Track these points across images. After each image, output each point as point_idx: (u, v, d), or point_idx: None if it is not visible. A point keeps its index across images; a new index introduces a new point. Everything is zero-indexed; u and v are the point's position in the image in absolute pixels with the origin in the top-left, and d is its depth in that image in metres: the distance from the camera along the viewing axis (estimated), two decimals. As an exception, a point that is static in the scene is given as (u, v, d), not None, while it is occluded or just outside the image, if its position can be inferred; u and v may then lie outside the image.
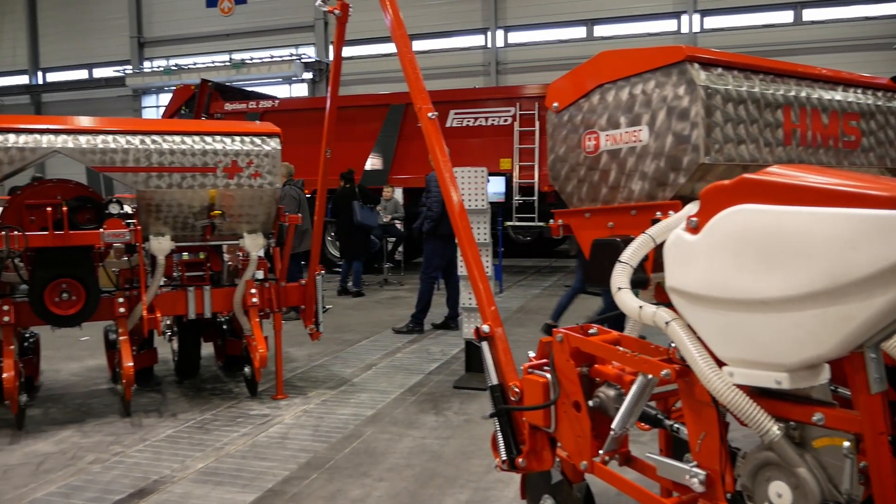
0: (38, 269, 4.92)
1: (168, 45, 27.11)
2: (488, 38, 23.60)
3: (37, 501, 3.84)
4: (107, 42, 27.80)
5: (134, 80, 26.56)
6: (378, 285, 12.80)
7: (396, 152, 14.51)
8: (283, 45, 25.55)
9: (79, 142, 4.87)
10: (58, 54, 28.78)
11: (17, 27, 29.00)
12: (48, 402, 5.70)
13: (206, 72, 24.00)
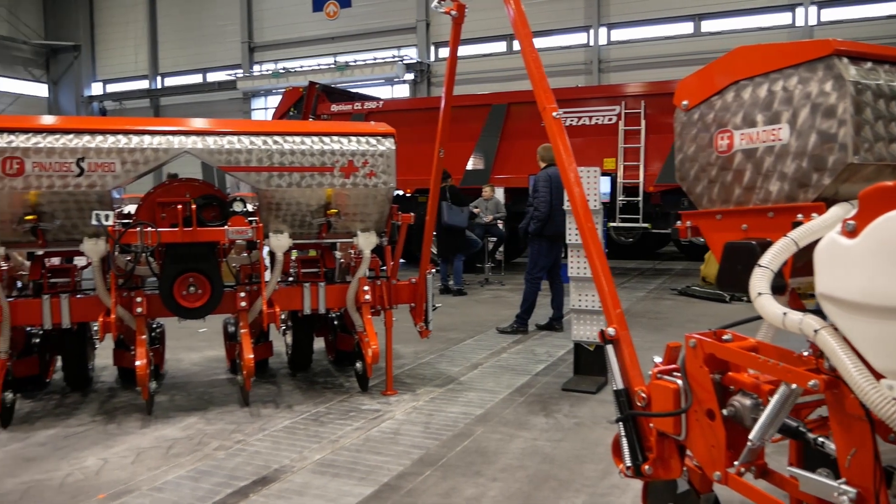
0: (168, 263, 5.19)
1: (276, 50, 28.08)
2: (590, 35, 23.25)
3: (169, 483, 4.05)
4: (220, 47, 29.08)
5: (244, 83, 27.66)
6: (479, 285, 12.83)
7: (498, 152, 14.51)
8: (385, 47, 26.01)
9: (206, 143, 5.10)
10: (175, 60, 30.34)
11: (139, 35, 30.74)
12: (173, 390, 6.01)
13: (312, 74, 24.74)
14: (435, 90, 25.24)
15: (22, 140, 4.74)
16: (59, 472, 4.23)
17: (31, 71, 31.55)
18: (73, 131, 4.86)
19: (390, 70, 25.06)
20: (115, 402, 5.68)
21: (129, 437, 4.85)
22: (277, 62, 27.83)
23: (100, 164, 4.85)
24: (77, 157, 4.81)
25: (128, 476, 4.16)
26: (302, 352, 6.38)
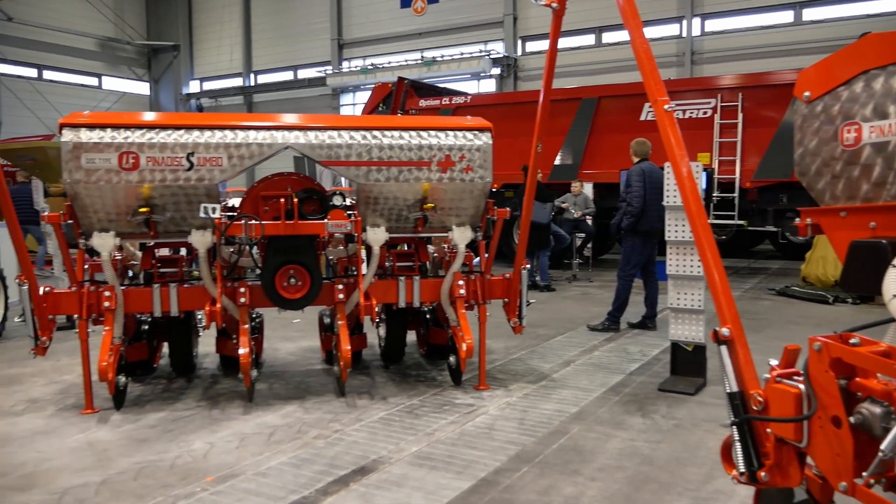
0: (270, 255, 5.33)
1: (364, 46, 28.51)
2: (683, 26, 22.60)
3: (272, 469, 4.16)
4: (310, 45, 29.75)
5: (333, 79, 28.21)
6: (566, 281, 12.69)
7: (587, 147, 14.30)
8: (472, 42, 26.01)
9: (308, 138, 5.22)
10: (267, 58, 31.23)
11: (234, 34, 31.79)
12: (271, 378, 6.18)
13: (399, 70, 25.00)
14: (521, 84, 25.10)
15: (137, 136, 4.96)
16: (169, 454, 4.41)
17: (135, 70, 33.11)
18: (183, 127, 5.05)
19: (477, 65, 25.05)
20: (218, 389, 5.89)
21: (233, 422, 5.02)
22: (366, 58, 28.25)
23: (208, 158, 5.03)
24: (187, 151, 5.00)
25: (233, 460, 4.30)
26: (395, 344, 6.46)
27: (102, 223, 5.13)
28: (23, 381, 6.23)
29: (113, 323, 5.16)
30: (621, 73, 20.53)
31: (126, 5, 32.36)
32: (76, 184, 4.91)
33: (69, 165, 4.88)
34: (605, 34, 23.78)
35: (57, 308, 5.26)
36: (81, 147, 4.88)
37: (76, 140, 4.88)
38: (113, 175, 4.92)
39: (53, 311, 5.26)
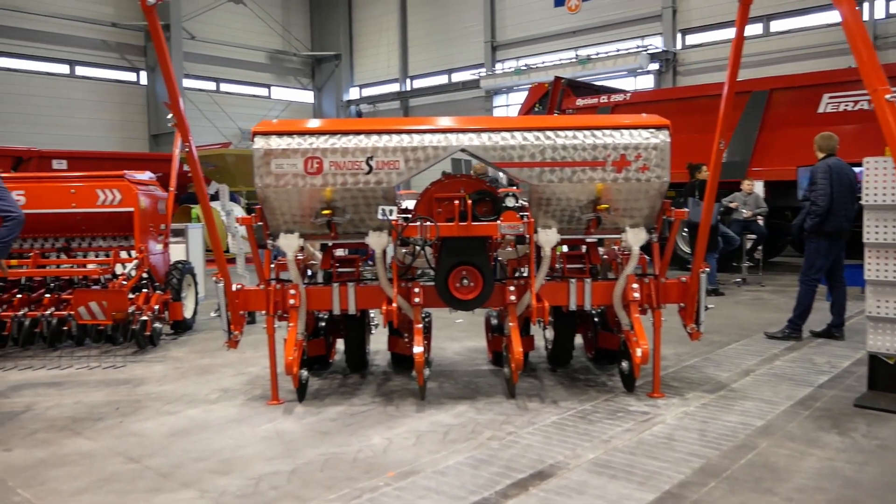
0: (444, 256, 5.41)
1: (518, 47, 28.55)
2: (864, 8, 20.80)
3: (450, 468, 4.21)
4: (464, 48, 30.21)
5: (487, 81, 28.45)
6: (735, 285, 12.03)
7: (757, 143, 13.48)
8: (628, 38, 25.36)
9: (482, 139, 5.24)
10: (423, 63, 32.05)
11: (391, 42, 32.88)
12: (441, 377, 6.28)
13: (554, 70, 24.80)
14: (681, 80, 24.13)
15: (321, 141, 5.19)
16: (351, 448, 4.57)
17: (300, 80, 35.04)
18: (363, 132, 5.23)
19: (633, 61, 24.38)
20: (391, 386, 6.06)
21: (408, 419, 5.13)
22: (519, 59, 28.27)
23: (386, 162, 5.17)
24: (367, 155, 5.17)
25: (412, 457, 4.39)
26: (563, 347, 6.36)
27: (288, 225, 5.41)
28: (214, 371, 6.72)
29: (297, 320, 5.43)
30: (791, 64, 19.27)
31: (293, 20, 34.31)
32: (266, 188, 5.21)
33: (260, 171, 5.19)
34: (774, 22, 22.38)
35: (247, 304, 5.61)
36: (271, 153, 5.17)
37: (267, 147, 5.18)
38: (299, 179, 5.18)
39: (244, 308, 5.62)
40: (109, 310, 6.97)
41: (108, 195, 7.87)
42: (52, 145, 21.20)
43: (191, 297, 8.88)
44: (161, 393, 5.95)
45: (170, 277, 8.32)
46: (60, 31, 26.80)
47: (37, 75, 26.53)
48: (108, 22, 28.24)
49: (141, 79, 29.60)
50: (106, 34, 28.36)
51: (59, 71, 27.44)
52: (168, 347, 7.79)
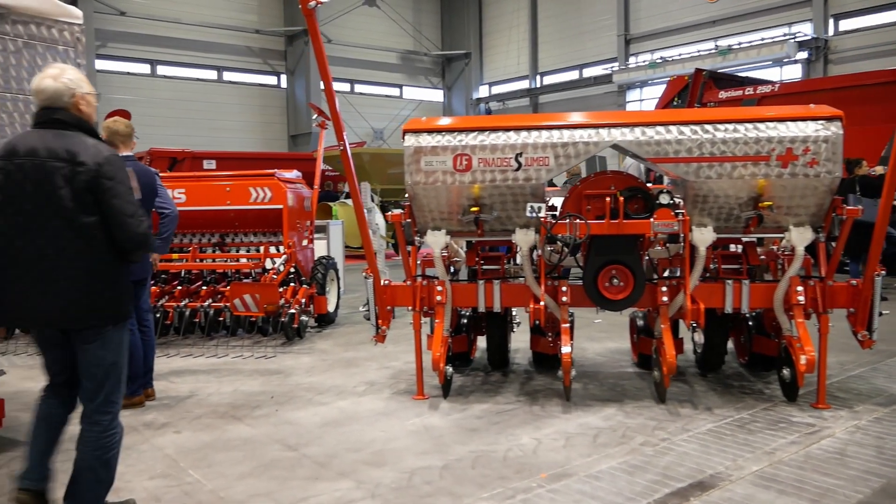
0: (592, 254, 5.28)
1: (652, 39, 27.63)
2: None
3: (604, 473, 4.09)
4: (596, 42, 29.57)
5: (620, 75, 27.73)
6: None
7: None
8: (773, 26, 23.95)
9: (635, 134, 5.07)
10: (553, 58, 31.66)
11: (521, 38, 32.70)
12: (584, 378, 6.14)
13: (691, 62, 23.80)
14: (833, 69, 22.52)
15: (470, 138, 5.19)
16: (500, 446, 4.54)
17: (430, 79, 35.54)
18: (512, 129, 5.18)
19: (779, 50, 22.97)
20: (534, 385, 5.98)
21: (555, 420, 5.04)
22: (654, 52, 27.36)
23: (536, 158, 5.10)
24: (516, 152, 5.12)
25: (563, 459, 4.30)
26: (715, 352, 6.06)
27: (436, 222, 5.45)
28: (358, 364, 6.89)
29: (443, 316, 5.46)
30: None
31: (424, 20, 34.84)
32: (416, 185, 5.27)
33: (410, 168, 5.25)
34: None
35: (394, 300, 5.71)
36: (421, 151, 5.22)
37: (417, 144, 5.23)
38: (448, 176, 5.20)
39: (391, 303, 5.71)
40: (262, 302, 7.30)
41: (260, 193, 8.26)
42: (201, 147, 22.60)
43: (333, 292, 9.17)
44: (311, 384, 6.16)
45: (315, 272, 8.62)
46: (210, 40, 28.45)
47: (189, 81, 28.30)
48: (252, 29, 29.71)
49: (281, 82, 30.97)
50: (250, 40, 29.86)
51: (208, 77, 29.15)
52: (313, 340, 8.08)
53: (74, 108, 3.32)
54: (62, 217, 3.17)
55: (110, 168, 3.23)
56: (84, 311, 3.23)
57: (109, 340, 3.31)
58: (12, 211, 3.21)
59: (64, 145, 3.21)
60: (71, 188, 3.17)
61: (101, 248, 3.24)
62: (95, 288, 3.24)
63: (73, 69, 3.47)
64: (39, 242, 3.18)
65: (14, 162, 3.22)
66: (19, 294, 3.24)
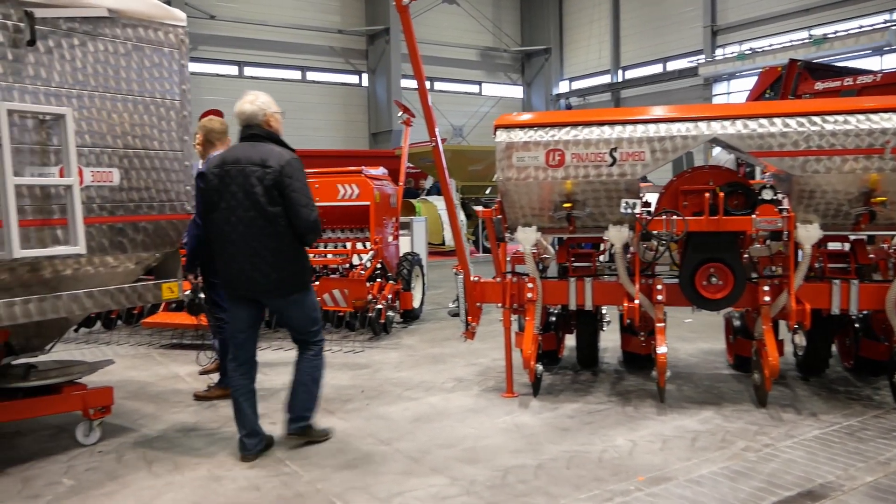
0: (690, 252, 5.12)
1: (741, 30, 26.70)
2: None
3: (704, 478, 3.95)
4: (680, 35, 28.79)
5: (706, 68, 26.92)
6: None
7: None
8: (873, 12, 22.76)
9: (736, 127, 4.88)
10: (635, 52, 31.01)
11: (602, 32, 32.17)
12: (678, 380, 5.96)
13: (783, 52, 22.91)
14: (941, 56, 21.25)
15: (563, 133, 5.11)
16: (594, 447, 4.45)
17: (510, 75, 35.38)
18: (606, 123, 5.08)
19: (880, 38, 21.80)
20: (626, 385, 5.86)
21: (650, 422, 4.91)
22: (742, 43, 26.43)
23: (631, 153, 4.98)
24: (610, 147, 5.01)
25: (660, 462, 4.18)
26: (818, 355, 5.78)
27: (527, 218, 5.39)
28: (445, 360, 6.90)
29: (534, 313, 5.40)
30: None
31: (503, 16, 34.69)
32: (507, 181, 5.22)
33: (502, 164, 5.21)
34: None
35: (484, 296, 5.68)
36: (513, 146, 5.17)
37: (508, 140, 5.19)
38: (540, 172, 5.14)
39: (481, 300, 5.69)
40: (350, 297, 7.40)
41: (348, 189, 8.38)
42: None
43: (419, 288, 9.22)
44: (399, 379, 6.20)
45: (400, 268, 8.69)
46: (294, 41, 29.10)
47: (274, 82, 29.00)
48: (335, 29, 30.24)
49: (362, 81, 31.42)
50: (332, 40, 30.39)
51: (293, 77, 29.82)
52: (400, 335, 8.14)
53: (266, 124, 4.34)
54: (256, 208, 4.14)
55: (290, 168, 4.18)
56: (273, 283, 4.22)
57: (299, 302, 4.36)
58: (225, 205, 4.22)
59: (257, 153, 4.20)
60: (262, 186, 4.13)
61: (284, 232, 4.18)
62: (280, 264, 4.20)
63: (264, 94, 4.40)
64: (241, 229, 4.18)
65: (224, 169, 4.25)
66: (233, 270, 4.26)
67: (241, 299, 4.35)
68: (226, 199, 4.22)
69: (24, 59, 3.89)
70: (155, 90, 4.51)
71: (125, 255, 4.45)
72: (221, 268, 4.35)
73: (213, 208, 4.29)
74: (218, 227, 4.27)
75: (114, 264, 4.44)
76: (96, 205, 4.22)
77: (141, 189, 4.46)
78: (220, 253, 4.31)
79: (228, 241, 4.23)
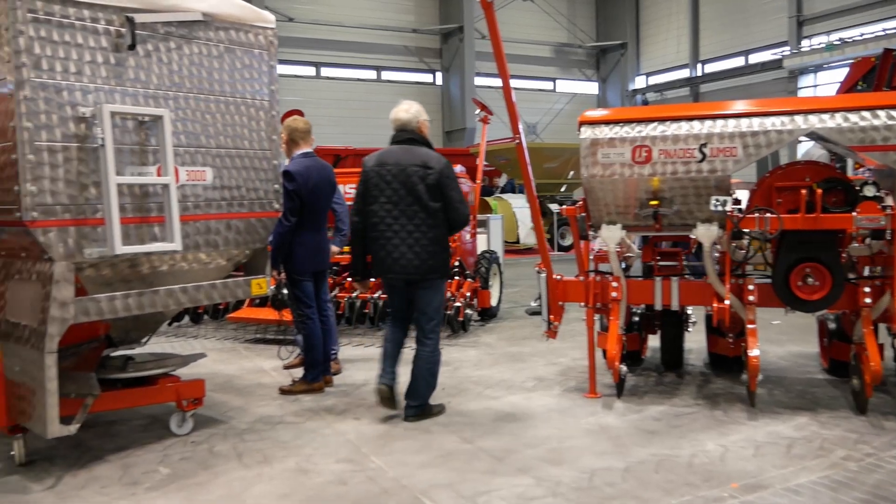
0: (784, 251, 4.92)
1: (829, 20, 25.61)
2: None
3: (803, 487, 3.79)
4: (763, 26, 27.83)
5: (791, 60, 25.92)
6: None
7: None
8: (975, -2, 21.49)
9: (836, 120, 4.66)
10: (715, 45, 30.13)
11: (680, 26, 31.39)
12: (768, 384, 5.74)
13: (875, 42, 21.83)
14: None
15: (650, 129, 4.99)
16: (683, 451, 4.33)
17: (584, 71, 34.93)
18: (696, 118, 4.93)
19: (984, 25, 20.56)
20: (713, 388, 5.69)
21: (740, 427, 4.75)
22: (830, 33, 25.34)
23: (722, 148, 4.83)
24: (700, 142, 4.87)
25: (754, 469, 4.03)
26: (922, 360, 5.48)
27: (612, 216, 5.29)
28: (525, 359, 6.85)
29: (618, 313, 5.30)
30: None
31: (578, 11, 34.26)
32: (592, 178, 5.14)
33: (586, 161, 5.13)
34: None
35: (566, 295, 5.61)
36: (598, 143, 5.08)
37: (593, 136, 5.10)
38: (626, 169, 5.03)
39: (563, 299, 5.62)
40: (430, 295, 7.40)
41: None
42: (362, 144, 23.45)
43: (496, 286, 9.18)
44: (479, 377, 6.19)
45: (478, 266, 8.67)
46: (369, 41, 29.48)
47: (350, 82, 29.49)
48: (410, 28, 30.48)
49: (436, 79, 31.57)
50: (407, 40, 30.64)
51: (368, 77, 30.22)
52: (478, 333, 8.13)
53: (418, 130, 5.02)
54: (419, 204, 4.78)
55: (448, 170, 4.88)
56: (427, 268, 4.82)
57: (438, 288, 4.99)
58: (384, 200, 4.84)
59: (416, 156, 4.86)
60: (424, 184, 4.78)
61: (440, 224, 4.84)
62: (435, 252, 4.82)
63: (416, 104, 5.13)
64: (403, 221, 4.80)
65: (385, 168, 4.86)
66: (393, 256, 4.83)
67: (395, 283, 4.99)
68: (386, 194, 4.83)
69: (125, 62, 4.05)
70: (246, 91, 4.62)
71: (217, 252, 4.58)
72: (378, 252, 4.90)
73: (373, 201, 4.89)
74: (378, 218, 4.88)
75: (206, 261, 4.58)
76: (191, 203, 4.36)
77: (232, 187, 4.58)
78: (379, 239, 4.88)
79: (391, 230, 4.83)
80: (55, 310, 3.81)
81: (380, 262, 4.92)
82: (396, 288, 5.02)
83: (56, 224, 3.82)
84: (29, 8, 3.67)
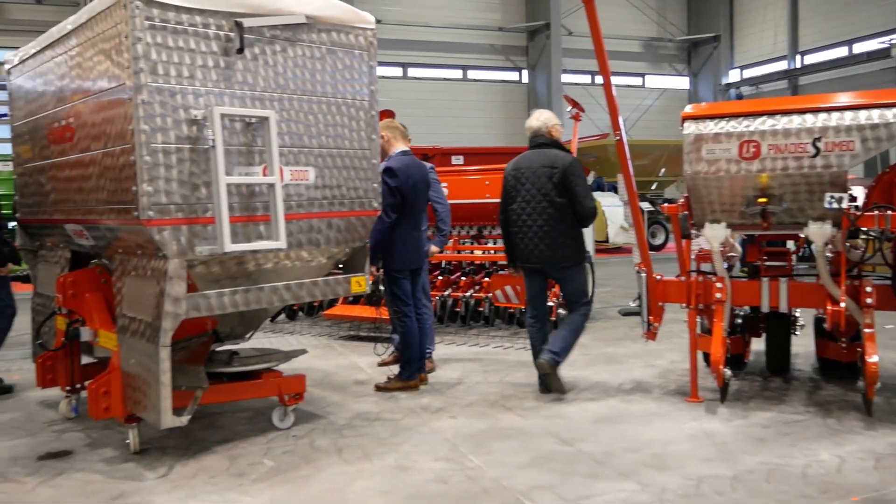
0: (906, 251, 4.63)
1: (943, 5, 24.06)
2: None
3: (931, 503, 3.55)
4: (869, 13, 26.40)
5: (901, 49, 24.50)
6: None
7: None
8: None
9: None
10: (816, 35, 28.79)
11: (777, 16, 30.14)
12: (886, 392, 5.41)
13: None
14: None
15: (758, 123, 4.79)
16: (795, 461, 4.13)
17: (675, 66, 33.99)
18: (809, 111, 4.70)
19: None
20: (823, 395, 5.41)
21: (857, 437, 4.49)
22: (944, 20, 23.81)
23: (837, 143, 4.58)
24: (814, 137, 4.64)
25: (876, 483, 3.80)
26: None
27: (716, 214, 5.11)
28: (621, 361, 6.70)
29: (722, 315, 5.11)
30: None
31: (668, 5, 33.36)
32: (696, 175, 4.97)
33: (690, 157, 4.97)
34: None
35: (666, 296, 5.45)
36: (702, 138, 4.91)
37: (698, 132, 4.93)
38: (732, 165, 4.85)
39: (663, 299, 5.46)
40: (523, 294, 7.35)
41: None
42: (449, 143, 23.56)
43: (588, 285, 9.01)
44: (575, 379, 6.08)
45: (570, 265, 8.53)
46: (455, 40, 29.58)
47: (436, 81, 29.69)
48: (496, 27, 30.40)
49: (522, 77, 31.38)
50: (493, 38, 30.58)
51: (454, 76, 30.33)
52: (570, 333, 8.00)
53: (549, 134, 5.60)
54: (548, 200, 5.36)
55: (573, 168, 5.40)
56: (558, 257, 5.43)
57: (575, 273, 5.58)
58: (520, 199, 5.49)
59: (546, 158, 5.46)
60: (552, 183, 5.36)
61: (568, 218, 5.38)
62: (564, 243, 5.39)
63: (546, 111, 5.77)
64: (535, 217, 5.42)
65: (520, 171, 5.54)
66: (528, 247, 5.48)
67: (532, 271, 5.60)
68: (521, 194, 5.46)
69: (233, 66, 4.17)
70: (347, 91, 4.69)
71: (318, 250, 4.67)
72: (518, 245, 5.56)
73: (511, 201, 5.55)
74: (516, 215, 5.52)
75: (308, 258, 4.68)
76: (294, 202, 4.46)
77: (333, 187, 4.65)
78: (518, 234, 5.53)
79: (525, 225, 5.45)
80: (169, 305, 3.97)
81: (520, 253, 5.57)
82: (534, 276, 5.62)
83: (170, 223, 3.97)
84: (146, 16, 3.83)
